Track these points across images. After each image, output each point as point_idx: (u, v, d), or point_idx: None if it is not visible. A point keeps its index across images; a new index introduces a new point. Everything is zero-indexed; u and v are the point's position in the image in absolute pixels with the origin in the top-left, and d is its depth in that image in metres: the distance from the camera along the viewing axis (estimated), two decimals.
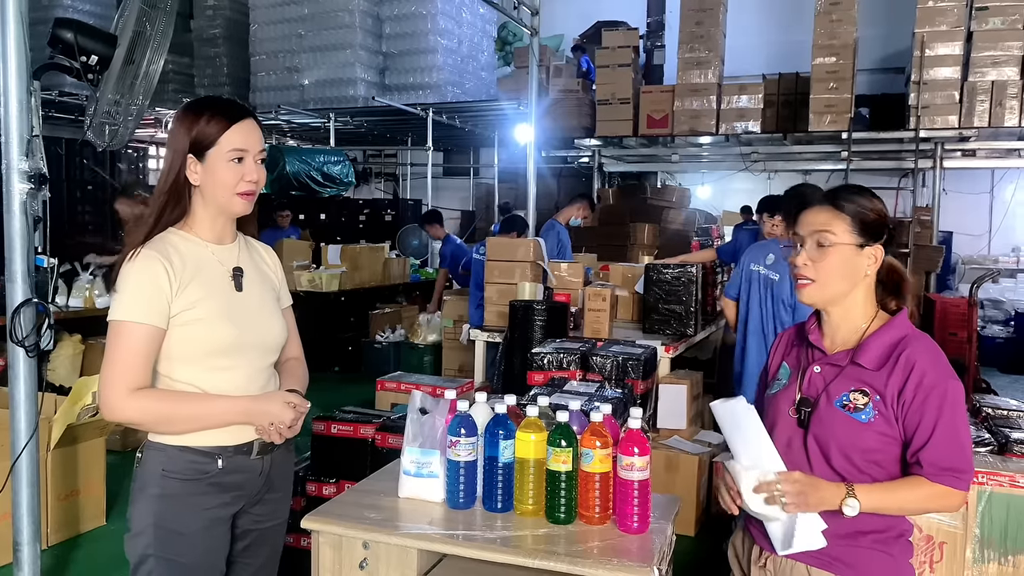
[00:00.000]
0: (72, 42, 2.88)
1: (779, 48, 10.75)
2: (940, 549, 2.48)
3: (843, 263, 1.66)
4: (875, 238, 1.67)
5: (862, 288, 1.70)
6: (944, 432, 1.57)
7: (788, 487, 1.56)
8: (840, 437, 1.64)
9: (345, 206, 10.80)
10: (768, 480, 1.58)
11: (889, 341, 1.65)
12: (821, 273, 1.66)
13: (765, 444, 1.63)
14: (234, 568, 1.90)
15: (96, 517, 4.02)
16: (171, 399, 1.76)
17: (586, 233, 8.80)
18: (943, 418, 1.57)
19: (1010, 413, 3.08)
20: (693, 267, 4.64)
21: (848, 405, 1.64)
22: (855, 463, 1.63)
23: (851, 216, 1.66)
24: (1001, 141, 9.06)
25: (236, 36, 10.62)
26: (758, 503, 1.59)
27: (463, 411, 1.87)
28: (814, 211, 1.69)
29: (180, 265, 1.76)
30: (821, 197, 1.72)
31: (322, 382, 6.70)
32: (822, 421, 1.67)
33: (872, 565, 1.64)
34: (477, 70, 10.56)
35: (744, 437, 1.64)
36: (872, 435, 1.62)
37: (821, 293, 1.68)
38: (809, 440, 1.69)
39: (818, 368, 1.72)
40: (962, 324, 7.36)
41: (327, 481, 3.07)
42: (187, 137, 1.76)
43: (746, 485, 1.60)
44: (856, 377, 1.66)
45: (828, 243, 1.65)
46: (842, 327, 1.72)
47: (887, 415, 1.61)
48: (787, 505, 1.56)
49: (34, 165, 2.66)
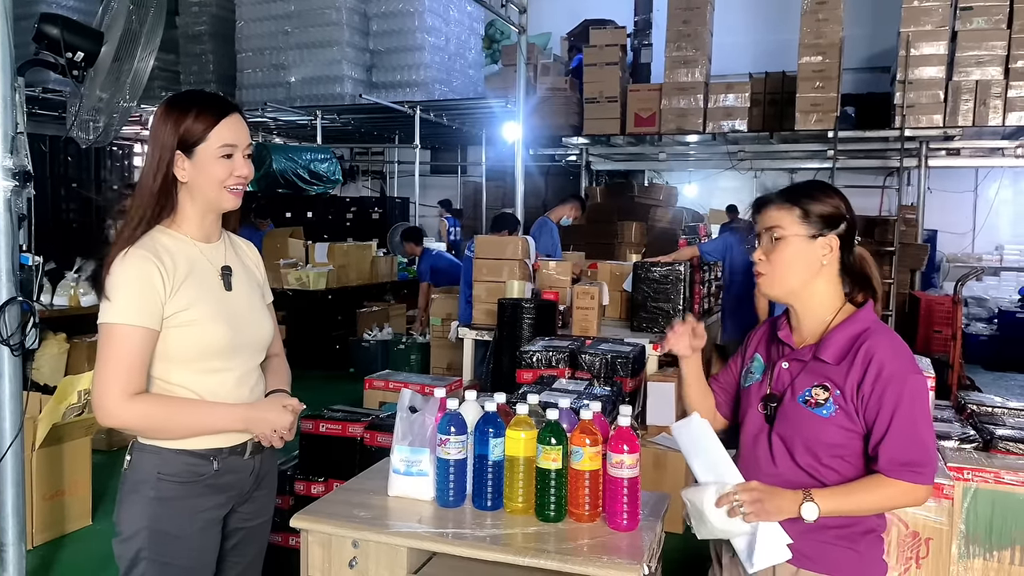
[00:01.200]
0: (58, 38, 2.86)
1: (765, 47, 10.79)
2: (926, 545, 2.50)
3: (794, 254, 1.68)
4: (829, 228, 1.68)
5: (822, 280, 1.70)
6: (901, 426, 1.56)
7: (745, 496, 1.58)
8: (804, 432, 1.66)
9: (332, 204, 10.76)
10: (726, 492, 1.61)
11: (850, 334, 1.66)
12: (774, 265, 1.70)
13: (721, 457, 1.66)
14: (223, 566, 1.89)
15: (82, 517, 3.99)
16: (170, 406, 1.74)
17: (574, 231, 8.80)
18: (900, 411, 1.56)
19: (994, 410, 3.11)
20: (681, 265, 4.66)
21: (810, 400, 1.65)
22: (819, 458, 1.65)
23: (800, 208, 1.68)
24: (985, 140, 9.14)
25: (222, 33, 10.56)
26: (720, 519, 1.61)
27: (453, 409, 1.87)
28: (767, 208, 1.73)
29: (172, 265, 1.73)
30: (774, 194, 1.75)
31: (309, 381, 6.68)
32: (786, 417, 1.69)
33: (836, 560, 1.64)
34: (465, 68, 10.55)
35: (702, 454, 1.68)
36: (834, 430, 1.63)
37: (776, 285, 1.71)
38: (774, 436, 1.71)
39: (785, 364, 1.74)
40: (947, 322, 7.43)
41: (316, 480, 3.06)
42: (175, 134, 1.73)
43: (707, 503, 1.62)
44: (818, 372, 1.67)
45: (779, 236, 1.69)
46: (807, 321, 1.73)
47: (847, 409, 1.62)
48: (747, 515, 1.58)
49: (19, 162, 2.64)
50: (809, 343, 1.72)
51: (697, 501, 1.65)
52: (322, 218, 10.27)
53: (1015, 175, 10.65)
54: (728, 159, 10.63)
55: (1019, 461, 2.59)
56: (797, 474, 1.66)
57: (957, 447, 2.71)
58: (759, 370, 1.81)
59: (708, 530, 1.66)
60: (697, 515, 1.66)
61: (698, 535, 1.69)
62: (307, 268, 7.96)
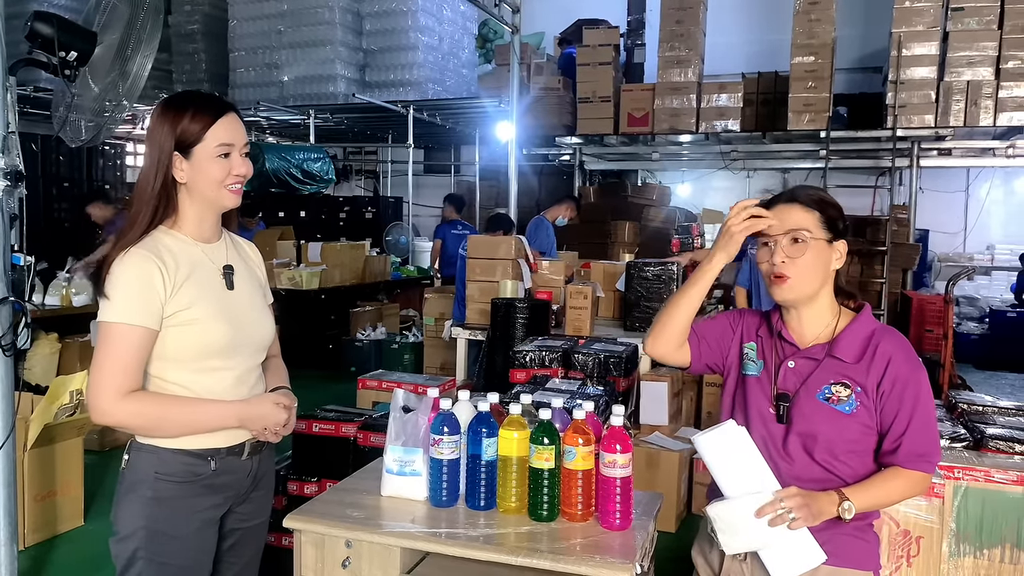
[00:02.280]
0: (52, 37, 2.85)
1: (758, 47, 10.80)
2: (917, 543, 2.51)
3: (817, 258, 1.69)
4: (840, 234, 1.72)
5: (829, 284, 1.74)
6: (919, 421, 1.64)
7: (791, 503, 1.57)
8: (825, 430, 1.67)
9: (325, 203, 10.74)
10: (769, 500, 1.58)
11: (863, 335, 1.71)
12: (800, 269, 1.69)
13: (760, 465, 1.63)
14: (219, 567, 1.89)
15: (74, 517, 3.98)
16: (164, 403, 1.74)
17: (567, 231, 8.80)
18: (919, 408, 1.64)
19: (985, 409, 3.13)
20: (674, 264, 4.67)
21: (831, 398, 1.68)
22: (836, 454, 1.67)
23: (820, 212, 1.70)
24: (976, 140, 9.18)
25: (215, 32, 10.52)
26: (759, 530, 1.58)
27: (446, 409, 1.87)
28: (782, 210, 1.72)
29: (173, 265, 1.74)
30: (787, 198, 1.74)
31: (303, 380, 6.66)
32: (804, 415, 1.69)
33: (852, 551, 1.69)
34: (458, 67, 10.54)
35: (737, 463, 1.63)
36: (855, 426, 1.66)
37: (800, 289, 1.70)
38: (791, 434, 1.71)
39: (792, 363, 1.75)
40: (938, 321, 7.46)
41: (309, 480, 3.06)
42: (172, 135, 1.74)
43: (745, 515, 1.58)
44: (835, 370, 1.69)
45: (803, 239, 1.68)
46: (813, 323, 1.75)
47: (868, 406, 1.66)
48: (795, 521, 1.56)
49: (10, 162, 2.63)
50: (815, 343, 1.73)
51: (729, 515, 1.60)
52: (315, 218, 10.25)
53: (1006, 175, 10.69)
54: (721, 159, 10.64)
55: (1009, 460, 2.61)
56: (813, 470, 1.69)
57: (948, 446, 2.73)
58: (757, 362, 1.81)
59: (742, 543, 1.62)
60: (729, 529, 1.61)
61: (727, 550, 1.65)
62: (300, 268, 7.95)
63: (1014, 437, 2.74)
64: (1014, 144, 9.26)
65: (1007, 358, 8.68)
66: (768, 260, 1.72)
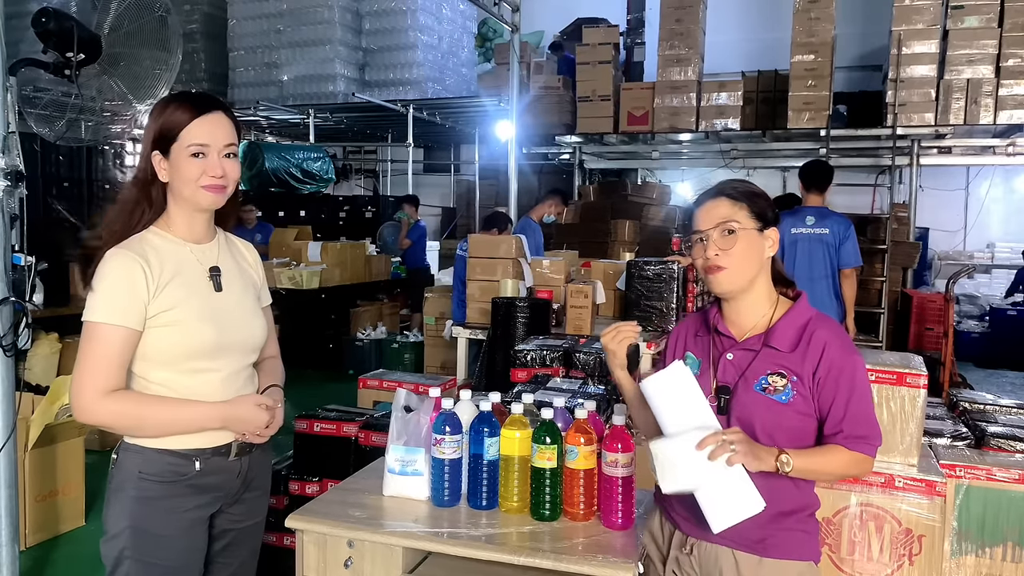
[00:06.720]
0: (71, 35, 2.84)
1: (758, 45, 10.80)
2: (919, 542, 2.51)
3: (750, 247, 1.72)
4: (770, 222, 1.76)
5: (764, 273, 1.77)
6: (856, 406, 1.67)
7: (733, 437, 1.57)
8: (763, 419, 1.68)
9: (325, 203, 10.74)
10: (710, 434, 1.57)
11: (798, 324, 1.73)
12: (734, 259, 1.71)
13: (703, 405, 1.63)
14: (212, 569, 1.88)
15: (75, 518, 3.98)
16: (144, 403, 1.74)
17: (567, 230, 8.81)
18: (855, 393, 1.67)
19: (986, 407, 3.12)
20: (674, 263, 4.66)
21: (768, 388, 1.69)
22: (777, 443, 1.67)
23: (747, 203, 1.74)
24: (976, 138, 9.17)
25: (214, 31, 10.51)
26: (697, 467, 1.55)
27: (448, 409, 1.87)
28: (711, 205, 1.75)
29: (158, 265, 1.73)
30: (714, 193, 1.78)
31: (303, 380, 6.67)
32: (743, 405, 1.71)
33: (794, 544, 1.70)
34: (457, 66, 10.54)
35: (680, 403, 1.63)
36: (792, 414, 1.68)
37: (737, 279, 1.73)
38: (732, 425, 1.71)
39: (731, 355, 1.76)
40: (938, 319, 7.46)
41: (310, 480, 3.06)
42: (152, 134, 1.75)
43: (685, 449, 1.56)
44: (771, 360, 1.71)
45: (733, 230, 1.71)
46: (749, 314, 1.77)
47: (804, 394, 1.68)
48: (734, 455, 1.55)
49: (10, 162, 2.63)
50: (751, 334, 1.76)
51: (669, 450, 1.58)
52: (315, 217, 10.24)
53: (1006, 173, 10.69)
54: (721, 157, 10.64)
55: (1011, 458, 2.61)
56: None
57: (949, 444, 2.73)
58: (695, 366, 1.81)
59: (679, 481, 1.58)
60: (669, 465, 1.58)
61: (664, 489, 1.61)
62: (300, 267, 7.94)
63: (1015, 435, 2.74)
64: (1014, 142, 9.26)
65: (1007, 356, 8.69)
66: (702, 255, 1.74)
